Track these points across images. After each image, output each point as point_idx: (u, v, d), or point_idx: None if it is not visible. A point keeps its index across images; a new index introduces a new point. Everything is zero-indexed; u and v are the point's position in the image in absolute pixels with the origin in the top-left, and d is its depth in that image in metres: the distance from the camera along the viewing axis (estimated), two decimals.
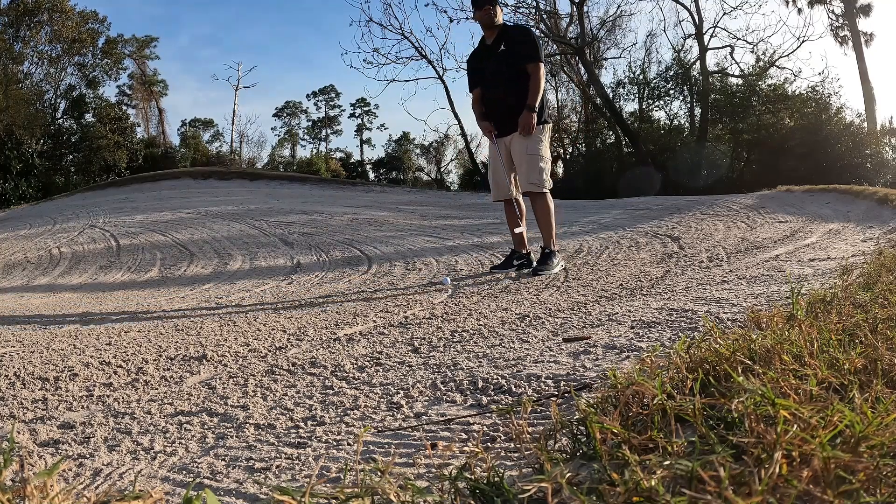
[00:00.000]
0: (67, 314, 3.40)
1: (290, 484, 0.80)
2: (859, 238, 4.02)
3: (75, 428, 1.19)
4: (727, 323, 1.71)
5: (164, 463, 0.96)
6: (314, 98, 49.48)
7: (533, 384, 1.29)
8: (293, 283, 4.30)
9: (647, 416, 0.70)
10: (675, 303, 2.18)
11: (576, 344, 1.65)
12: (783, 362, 0.84)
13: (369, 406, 1.25)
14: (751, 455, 0.53)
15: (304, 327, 2.38)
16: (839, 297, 1.57)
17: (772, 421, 0.58)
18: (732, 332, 1.15)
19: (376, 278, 4.16)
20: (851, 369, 0.81)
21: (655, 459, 0.55)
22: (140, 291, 4.67)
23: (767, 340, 0.96)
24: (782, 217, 5.58)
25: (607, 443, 0.63)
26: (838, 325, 1.15)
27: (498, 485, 0.59)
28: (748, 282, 2.60)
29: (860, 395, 0.68)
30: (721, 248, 4.06)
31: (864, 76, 20.31)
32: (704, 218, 5.94)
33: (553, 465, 0.61)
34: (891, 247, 3.17)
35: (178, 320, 2.83)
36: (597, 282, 3.16)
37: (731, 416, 0.64)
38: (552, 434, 0.78)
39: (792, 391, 0.69)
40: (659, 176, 16.61)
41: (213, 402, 1.34)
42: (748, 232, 4.84)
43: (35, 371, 1.74)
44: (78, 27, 27.98)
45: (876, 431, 0.54)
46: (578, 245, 4.89)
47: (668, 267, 3.48)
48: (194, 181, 17.15)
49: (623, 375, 0.84)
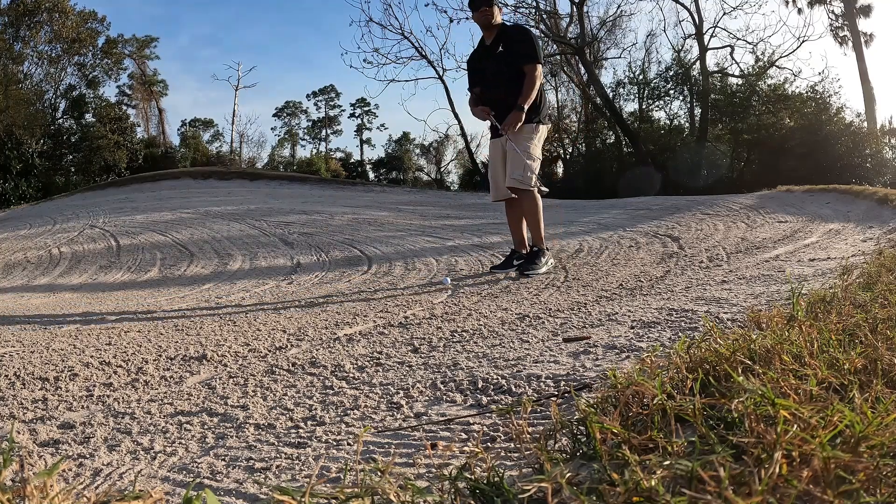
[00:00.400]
0: (67, 314, 3.40)
1: (290, 484, 0.80)
2: (859, 238, 4.02)
3: (75, 428, 1.19)
4: (727, 323, 1.71)
5: (164, 463, 0.96)
6: (314, 98, 49.49)
7: (533, 384, 1.29)
8: (293, 283, 4.30)
9: (647, 416, 0.70)
10: (675, 303, 2.18)
11: (576, 344, 1.65)
12: (783, 362, 0.84)
13: (369, 406, 1.25)
14: (751, 455, 0.53)
15: (304, 327, 2.38)
16: (839, 297, 1.57)
17: (772, 421, 0.58)
18: (732, 332, 1.15)
19: (376, 278, 4.16)
20: (851, 369, 0.81)
21: (655, 459, 0.55)
22: (140, 291, 4.67)
23: (767, 340, 0.96)
24: (782, 217, 5.58)
25: (607, 443, 0.63)
26: (838, 325, 1.15)
27: (498, 485, 0.59)
28: (748, 282, 2.60)
29: (860, 395, 0.68)
30: (721, 248, 4.06)
31: (864, 76, 20.32)
32: (704, 218, 5.94)
33: (553, 465, 0.61)
34: (891, 247, 3.17)
35: (177, 320, 2.83)
36: (597, 282, 3.16)
37: (731, 416, 0.64)
38: (552, 434, 0.78)
39: (792, 391, 0.69)
40: (659, 176, 16.61)
41: (213, 402, 1.34)
42: (748, 232, 4.84)
43: (35, 371, 1.74)
44: (77, 27, 27.98)
45: (876, 431, 0.54)
46: (578, 245, 4.89)
47: (668, 267, 3.48)
48: (194, 181, 17.16)
49: (623, 375, 0.84)
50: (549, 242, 4.29)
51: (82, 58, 29.28)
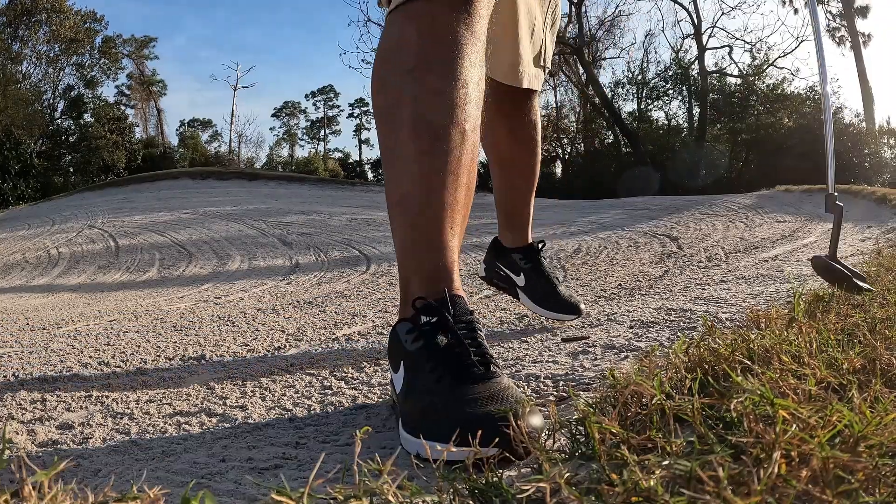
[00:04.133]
0: (65, 314, 3.39)
1: (289, 484, 0.80)
2: (858, 238, 4.03)
3: (74, 429, 1.19)
4: (726, 323, 1.71)
5: (161, 463, 0.96)
6: (312, 98, 49.47)
7: (532, 384, 1.28)
8: (291, 284, 4.30)
9: (646, 416, 0.70)
10: (674, 302, 2.18)
11: (574, 344, 1.65)
12: (782, 362, 0.84)
13: (368, 406, 1.25)
14: (749, 455, 0.53)
15: (302, 328, 2.37)
16: (837, 296, 1.57)
17: (770, 420, 0.58)
18: (731, 332, 1.15)
19: (375, 278, 4.15)
20: (850, 369, 0.81)
21: (654, 459, 0.55)
22: (139, 291, 4.67)
23: (766, 340, 0.96)
24: (781, 217, 5.58)
25: (606, 443, 0.63)
26: (837, 324, 1.15)
27: (496, 485, 0.59)
28: (747, 281, 2.61)
29: (859, 394, 0.68)
30: (720, 248, 4.06)
31: (863, 76, 20.35)
32: (703, 218, 5.94)
33: (552, 465, 0.61)
34: (889, 246, 3.17)
35: (176, 320, 2.83)
36: (595, 281, 3.15)
37: (729, 415, 0.64)
38: (551, 434, 0.78)
39: (790, 391, 0.69)
40: (658, 176, 16.63)
41: (211, 402, 1.34)
42: (747, 232, 4.84)
43: (33, 372, 1.74)
44: (76, 27, 27.94)
45: (875, 431, 0.54)
46: (577, 245, 4.89)
47: (666, 267, 3.48)
48: (193, 181, 17.15)
49: (622, 375, 0.84)
50: (549, 242, 4.29)
51: (80, 58, 29.24)
